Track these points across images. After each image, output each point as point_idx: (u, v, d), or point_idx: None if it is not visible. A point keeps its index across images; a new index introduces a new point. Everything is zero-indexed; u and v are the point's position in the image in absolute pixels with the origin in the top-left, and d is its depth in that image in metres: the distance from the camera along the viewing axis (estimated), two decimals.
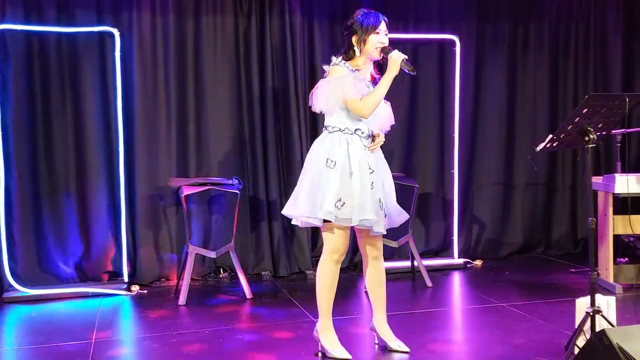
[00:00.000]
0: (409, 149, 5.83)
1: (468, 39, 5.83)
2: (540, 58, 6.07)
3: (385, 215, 3.41)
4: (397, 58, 3.31)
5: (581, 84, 6.20)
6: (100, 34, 5.02)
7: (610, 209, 4.68)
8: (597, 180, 4.79)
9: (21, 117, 4.93)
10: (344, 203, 3.24)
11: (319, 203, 3.27)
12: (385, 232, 3.40)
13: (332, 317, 3.48)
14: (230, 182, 4.88)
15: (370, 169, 3.33)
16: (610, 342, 2.70)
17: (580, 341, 3.17)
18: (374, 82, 3.45)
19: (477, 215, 6.04)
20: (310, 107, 3.42)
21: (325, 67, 3.45)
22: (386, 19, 3.45)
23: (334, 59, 3.44)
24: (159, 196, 5.22)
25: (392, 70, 3.32)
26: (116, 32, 4.97)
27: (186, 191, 4.72)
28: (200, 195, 5.04)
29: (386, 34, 3.42)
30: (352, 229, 3.40)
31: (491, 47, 5.97)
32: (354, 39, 3.39)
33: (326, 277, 3.42)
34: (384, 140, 3.45)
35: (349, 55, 3.42)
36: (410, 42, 5.75)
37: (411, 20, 5.75)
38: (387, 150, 5.62)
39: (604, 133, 3.43)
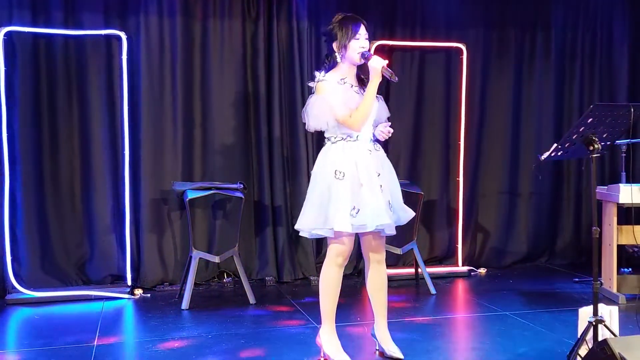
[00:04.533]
0: (414, 156, 5.84)
1: (475, 47, 5.84)
2: (546, 67, 6.07)
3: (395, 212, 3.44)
4: (376, 66, 3.28)
5: (587, 93, 6.19)
6: (107, 37, 5.04)
7: (615, 219, 4.66)
8: (601, 190, 4.78)
9: (27, 120, 4.95)
10: (359, 210, 3.25)
11: (331, 216, 3.27)
12: (395, 233, 3.41)
13: (335, 322, 3.48)
14: (235, 186, 4.89)
15: (377, 172, 3.35)
16: (613, 352, 2.70)
17: (583, 350, 3.15)
18: (364, 84, 3.42)
19: (481, 223, 6.03)
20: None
21: (311, 84, 3.42)
22: (365, 22, 3.40)
23: (317, 74, 3.38)
24: (163, 200, 5.23)
25: (375, 79, 3.30)
26: (123, 36, 4.99)
27: (190, 195, 4.73)
28: (204, 199, 5.04)
29: (366, 38, 3.37)
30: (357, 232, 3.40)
31: (498, 55, 5.97)
32: (334, 45, 3.37)
33: (330, 281, 3.42)
34: (391, 129, 3.43)
35: (331, 64, 3.40)
36: (418, 50, 5.76)
37: (418, 27, 5.76)
38: (393, 156, 5.67)
39: (608, 143, 3.42)
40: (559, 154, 3.37)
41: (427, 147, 5.83)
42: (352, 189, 3.28)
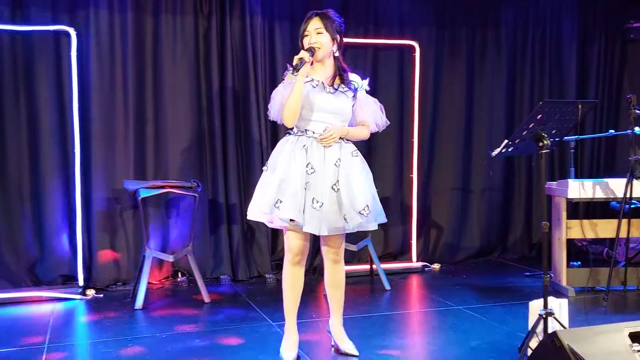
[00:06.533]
0: (368, 154, 5.84)
1: (427, 45, 5.91)
2: (497, 64, 6.18)
3: (346, 216, 3.27)
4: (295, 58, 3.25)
5: (537, 91, 6.32)
6: (56, 32, 4.93)
7: (564, 214, 4.78)
8: (551, 185, 4.89)
9: None
10: (282, 202, 3.21)
11: (254, 205, 3.33)
12: (319, 233, 3.26)
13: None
14: (189, 184, 4.83)
15: (312, 169, 3.26)
16: (562, 344, 2.76)
17: (533, 343, 3.22)
18: (343, 80, 3.40)
19: (435, 219, 6.10)
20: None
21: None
22: (321, 14, 3.35)
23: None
24: (115, 199, 5.14)
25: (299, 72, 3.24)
26: (72, 32, 4.89)
27: (143, 194, 4.66)
28: (158, 197, 4.98)
29: (319, 32, 3.32)
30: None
31: (450, 53, 6.05)
32: (300, 44, 3.38)
33: (284, 277, 3.45)
34: (338, 133, 3.31)
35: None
36: (371, 47, 5.79)
37: (371, 24, 5.79)
38: None
39: (557, 139, 3.50)
40: (510, 150, 3.43)
41: (380, 144, 5.85)
42: (272, 181, 3.26)
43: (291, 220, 3.23)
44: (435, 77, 6.00)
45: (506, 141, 3.37)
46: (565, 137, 4.47)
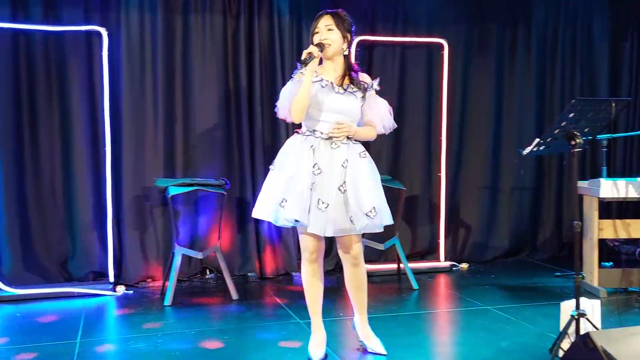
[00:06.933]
0: (396, 152, 5.85)
1: (456, 43, 5.86)
2: (527, 62, 6.11)
3: (353, 218, 3.23)
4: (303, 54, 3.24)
5: (568, 89, 6.24)
6: (88, 33, 4.99)
7: (596, 213, 4.71)
8: (582, 184, 4.83)
9: (7, 118, 4.89)
10: (287, 201, 3.22)
11: (260, 204, 3.34)
12: (324, 234, 3.24)
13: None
14: (217, 183, 4.87)
15: (319, 169, 3.24)
16: (595, 345, 2.72)
17: (565, 344, 3.19)
18: (352, 79, 3.37)
19: (463, 218, 6.06)
20: None
21: None
22: (332, 12, 3.34)
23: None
24: (145, 196, 5.19)
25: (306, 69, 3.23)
26: (104, 32, 4.94)
27: (173, 192, 4.70)
28: (187, 195, 5.01)
29: (329, 29, 3.31)
30: None
31: (479, 51, 6.00)
32: (310, 41, 3.38)
33: (303, 275, 3.48)
34: (348, 130, 3.27)
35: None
36: (399, 45, 5.77)
37: (400, 23, 5.77)
38: (374, 152, 5.66)
39: (590, 137, 3.46)
40: (541, 148, 3.40)
41: (408, 142, 5.84)
42: (278, 180, 3.27)
43: (296, 220, 3.22)
44: (463, 75, 5.96)
45: (538, 140, 3.34)
46: (598, 136, 4.40)
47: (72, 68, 5.02)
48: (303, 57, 3.21)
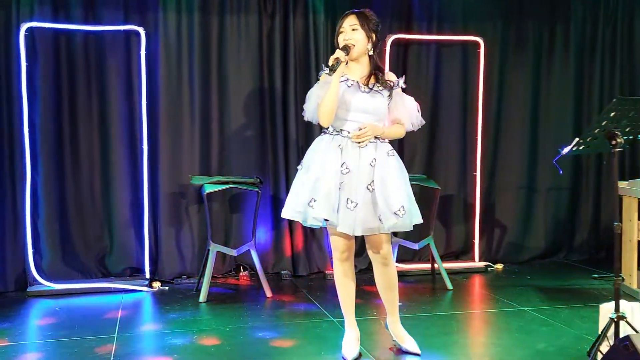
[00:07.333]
0: (430, 151, 5.81)
1: (492, 41, 5.80)
2: (565, 61, 6.02)
3: (381, 217, 3.23)
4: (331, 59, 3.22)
5: (607, 88, 6.13)
6: (127, 32, 5.07)
7: (636, 215, 4.63)
8: (622, 185, 4.74)
9: (48, 115, 4.99)
10: (315, 201, 3.23)
11: (289, 204, 3.37)
12: (353, 233, 3.25)
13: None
14: (251, 180, 4.91)
15: (347, 168, 3.25)
16: (636, 349, 2.68)
17: (604, 347, 3.14)
18: (377, 79, 3.35)
19: (499, 218, 6.00)
20: None
21: None
22: (358, 12, 3.33)
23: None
24: (181, 194, 5.25)
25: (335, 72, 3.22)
26: (142, 31, 5.01)
27: (208, 189, 4.75)
28: (222, 193, 5.06)
29: (354, 29, 3.30)
30: None
31: (515, 49, 5.93)
32: (335, 41, 3.38)
33: (335, 274, 3.50)
34: (372, 132, 3.27)
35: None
36: (434, 44, 5.74)
37: (435, 21, 5.73)
38: (409, 151, 5.66)
39: (631, 137, 3.39)
40: (581, 148, 3.35)
41: (443, 141, 5.80)
42: (307, 180, 3.29)
43: (325, 220, 3.23)
44: (500, 74, 5.89)
45: (577, 139, 3.29)
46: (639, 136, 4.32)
47: (110, 67, 5.10)
48: (330, 63, 3.20)
